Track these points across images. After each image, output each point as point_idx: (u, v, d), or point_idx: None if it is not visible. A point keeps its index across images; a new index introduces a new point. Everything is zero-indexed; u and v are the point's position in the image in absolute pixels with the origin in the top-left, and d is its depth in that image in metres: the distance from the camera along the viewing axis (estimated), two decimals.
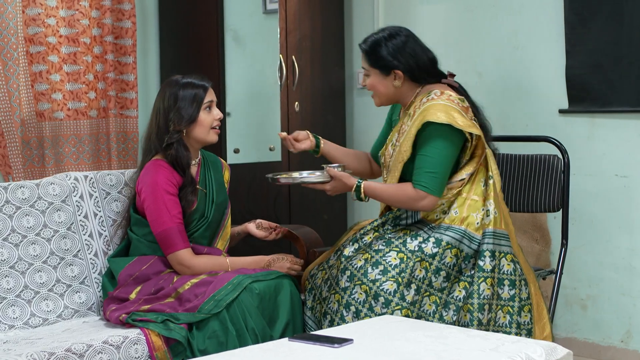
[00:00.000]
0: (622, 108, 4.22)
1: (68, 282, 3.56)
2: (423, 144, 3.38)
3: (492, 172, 3.44)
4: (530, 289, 3.41)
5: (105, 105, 4.60)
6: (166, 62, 4.94)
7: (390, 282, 3.29)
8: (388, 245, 3.38)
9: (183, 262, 3.44)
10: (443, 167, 3.37)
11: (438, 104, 3.37)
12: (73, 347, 3.03)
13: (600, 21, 4.24)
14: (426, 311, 3.31)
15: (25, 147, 4.34)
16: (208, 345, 3.24)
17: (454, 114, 3.35)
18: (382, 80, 3.51)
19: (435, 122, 3.33)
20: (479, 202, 3.40)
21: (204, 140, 3.57)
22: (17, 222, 3.52)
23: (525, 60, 4.56)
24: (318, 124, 4.95)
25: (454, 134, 3.36)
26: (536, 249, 4.49)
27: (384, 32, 3.53)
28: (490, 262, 3.33)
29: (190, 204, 3.52)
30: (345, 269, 3.38)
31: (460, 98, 3.44)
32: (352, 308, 3.31)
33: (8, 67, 4.24)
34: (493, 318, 3.32)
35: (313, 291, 3.52)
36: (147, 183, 3.49)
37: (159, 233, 3.45)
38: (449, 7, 4.78)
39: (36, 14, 4.33)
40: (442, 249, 3.34)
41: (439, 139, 3.35)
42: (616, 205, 4.30)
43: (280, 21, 4.72)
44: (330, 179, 3.47)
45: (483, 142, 3.41)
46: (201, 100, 3.53)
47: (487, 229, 3.37)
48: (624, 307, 4.31)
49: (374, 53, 3.50)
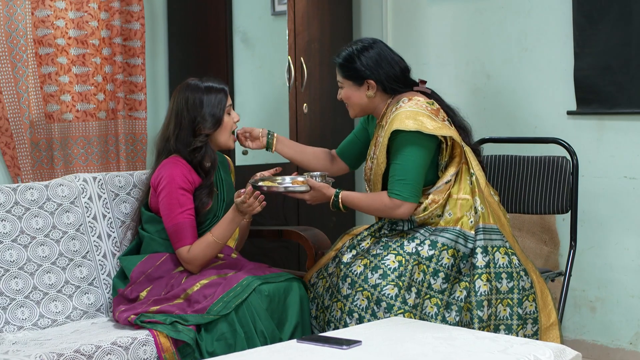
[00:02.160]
0: (631, 110, 4.21)
1: (77, 284, 3.57)
2: (395, 153, 3.42)
3: (473, 169, 3.46)
4: (532, 277, 3.43)
5: (114, 107, 4.60)
6: (175, 64, 4.94)
7: (391, 287, 3.30)
8: (386, 249, 3.39)
9: (185, 258, 3.46)
10: (414, 173, 3.39)
11: (405, 111, 3.40)
12: (82, 348, 3.03)
13: (609, 23, 4.23)
14: (428, 313, 3.32)
15: (34, 149, 4.35)
16: (216, 347, 3.24)
17: (423, 119, 3.37)
18: (356, 92, 3.56)
19: (404, 130, 3.36)
20: (470, 200, 3.42)
21: (224, 144, 3.62)
22: (26, 223, 3.52)
23: (533, 62, 4.55)
24: (326, 125, 4.95)
25: (425, 138, 3.38)
26: (545, 250, 4.48)
27: (356, 44, 3.57)
28: (483, 258, 3.34)
29: (205, 204, 3.54)
30: (346, 276, 3.38)
31: (429, 101, 3.46)
32: (355, 315, 3.32)
33: (17, 68, 4.24)
34: (494, 312, 3.33)
35: (315, 300, 3.53)
36: (163, 177, 3.52)
37: (170, 227, 3.48)
38: (458, 8, 4.78)
39: (45, 16, 4.34)
40: (439, 251, 3.35)
41: (408, 146, 3.38)
42: (625, 207, 4.30)
43: (289, 23, 4.72)
44: (309, 189, 3.49)
45: (459, 142, 3.42)
46: (224, 104, 3.58)
47: (477, 225, 3.39)
48: (633, 309, 4.30)
49: (347, 65, 3.55)
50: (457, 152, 3.46)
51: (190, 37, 4.87)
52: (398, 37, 5.04)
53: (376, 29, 5.16)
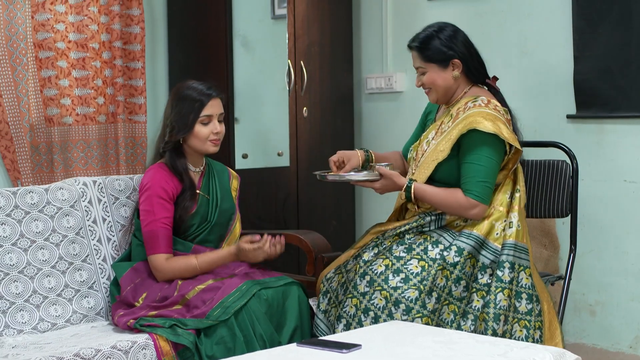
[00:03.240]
0: (631, 113, 4.21)
1: (77, 287, 3.57)
2: (469, 151, 3.37)
3: (519, 186, 3.44)
4: (543, 306, 3.39)
5: (114, 111, 4.61)
6: (175, 68, 4.95)
7: (412, 290, 3.28)
8: (409, 252, 3.36)
9: (156, 267, 3.47)
10: (493, 177, 3.37)
11: (485, 112, 3.37)
12: (82, 352, 3.03)
13: (608, 26, 4.23)
14: (445, 320, 3.30)
15: (34, 152, 4.35)
16: (216, 351, 3.24)
17: (500, 125, 3.34)
18: (441, 73, 3.48)
19: (482, 131, 3.32)
20: (503, 213, 3.39)
21: (200, 150, 3.59)
22: (26, 227, 3.52)
23: (534, 66, 4.55)
24: (326, 129, 4.95)
25: (498, 144, 3.36)
26: (545, 254, 4.48)
27: (431, 27, 3.52)
28: (509, 274, 3.31)
29: (188, 209, 3.54)
30: (365, 273, 3.35)
31: (505, 110, 3.44)
32: (371, 313, 3.30)
33: (17, 72, 4.25)
34: (509, 330, 3.29)
35: (328, 294, 3.49)
36: (143, 184, 3.55)
37: (144, 233, 3.50)
38: (458, 12, 4.78)
39: (45, 20, 4.34)
40: (464, 258, 3.32)
41: (486, 147, 3.35)
42: (625, 211, 4.29)
43: (288, 26, 4.72)
44: (379, 177, 3.47)
45: (517, 157, 3.41)
46: (198, 113, 3.53)
47: (507, 240, 3.35)
48: (633, 313, 4.30)
49: (428, 48, 3.48)
50: (509, 166, 3.42)
51: (190, 41, 4.87)
52: (398, 41, 5.04)
53: (376, 32, 5.17)
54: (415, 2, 5.01)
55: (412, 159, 3.58)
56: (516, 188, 3.43)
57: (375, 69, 5.21)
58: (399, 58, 5.06)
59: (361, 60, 5.26)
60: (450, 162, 3.41)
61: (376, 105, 5.23)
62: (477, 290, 3.32)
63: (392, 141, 4.85)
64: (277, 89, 4.87)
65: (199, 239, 3.58)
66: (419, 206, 3.50)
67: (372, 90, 5.20)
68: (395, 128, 5.09)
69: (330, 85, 5.00)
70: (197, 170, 3.64)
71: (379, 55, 5.17)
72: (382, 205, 4.95)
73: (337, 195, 5.03)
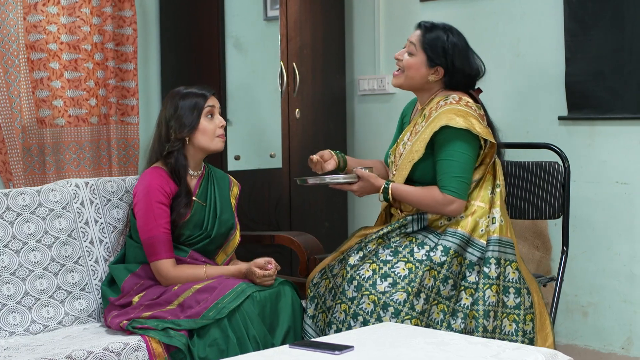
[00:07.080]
0: (622, 115, 4.22)
1: (69, 289, 3.56)
2: (443, 148, 3.38)
3: (499, 181, 3.45)
4: (533, 297, 3.40)
5: (106, 112, 4.60)
6: (167, 69, 4.94)
7: (400, 293, 3.28)
8: (395, 255, 3.36)
9: (161, 272, 3.46)
10: (469, 172, 3.38)
11: (456, 109, 3.38)
12: (74, 353, 3.03)
13: (601, 28, 4.24)
14: (434, 320, 3.31)
15: (26, 154, 4.34)
16: (209, 352, 3.23)
17: (472, 120, 3.36)
18: (422, 67, 3.49)
19: (454, 127, 3.33)
20: (485, 208, 3.41)
21: (208, 147, 3.58)
22: (17, 228, 3.52)
23: (526, 68, 4.56)
24: (319, 131, 4.95)
25: (472, 138, 3.37)
26: (537, 256, 4.48)
27: (447, 25, 3.51)
28: (495, 270, 3.32)
29: (182, 216, 3.53)
30: (352, 278, 3.36)
31: (477, 105, 3.45)
32: (360, 318, 3.30)
33: (9, 74, 4.24)
34: (499, 326, 3.31)
35: (315, 299, 3.50)
36: (140, 189, 3.53)
37: (145, 240, 3.48)
38: (451, 14, 4.78)
39: (37, 21, 4.33)
40: (450, 257, 3.33)
41: (459, 143, 3.36)
42: (617, 212, 4.30)
43: (281, 28, 4.72)
44: (358, 179, 3.48)
45: (494, 151, 3.42)
46: (201, 108, 3.54)
47: (491, 236, 3.37)
48: (625, 314, 4.31)
49: (432, 38, 3.48)
50: (486, 161, 3.44)
51: (182, 42, 4.87)
52: (390, 42, 5.05)
53: (368, 34, 5.17)
54: (407, 4, 5.01)
55: (392, 162, 3.60)
56: (496, 183, 3.45)
57: (367, 71, 5.22)
58: (392, 60, 5.05)
59: (353, 62, 5.26)
60: (427, 161, 3.44)
61: (368, 106, 5.24)
62: (465, 288, 3.33)
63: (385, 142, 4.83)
64: (270, 90, 4.87)
65: (196, 247, 3.58)
66: (402, 210, 3.51)
67: (365, 92, 5.20)
68: (387, 129, 5.08)
69: (323, 86, 5.01)
70: (196, 174, 3.63)
71: (372, 56, 5.18)
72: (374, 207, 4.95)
73: (329, 197, 5.03)
